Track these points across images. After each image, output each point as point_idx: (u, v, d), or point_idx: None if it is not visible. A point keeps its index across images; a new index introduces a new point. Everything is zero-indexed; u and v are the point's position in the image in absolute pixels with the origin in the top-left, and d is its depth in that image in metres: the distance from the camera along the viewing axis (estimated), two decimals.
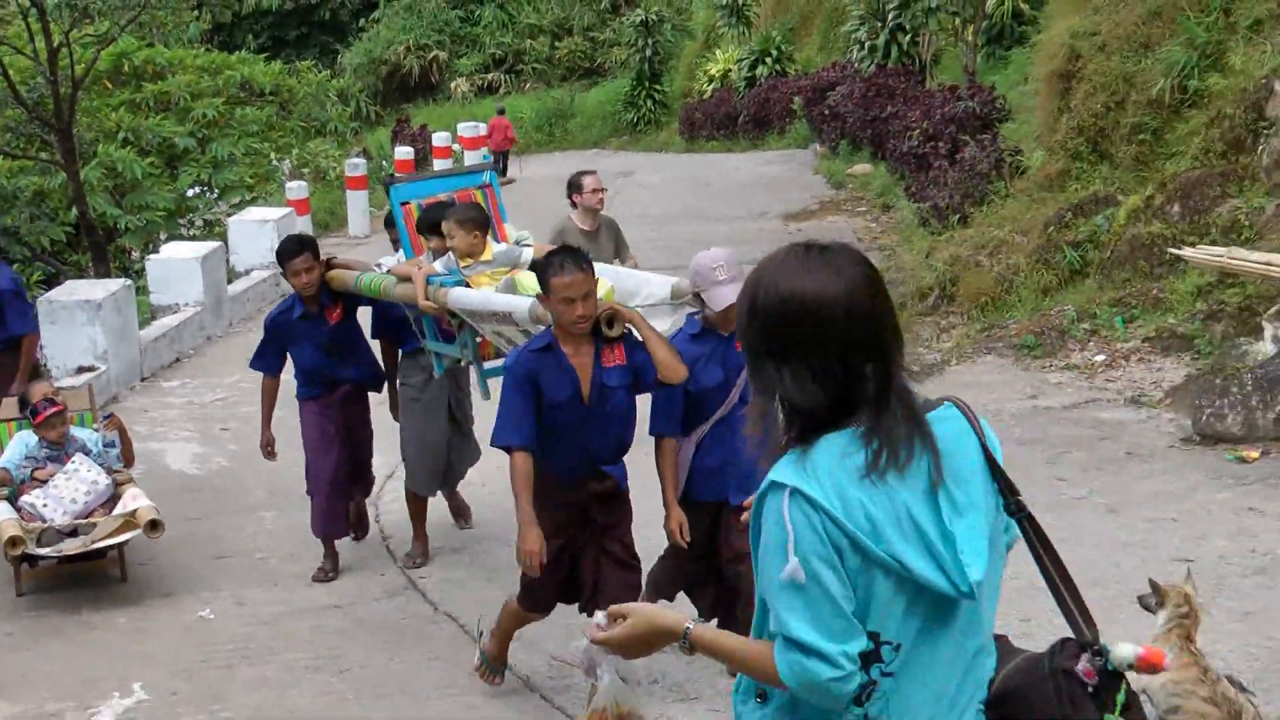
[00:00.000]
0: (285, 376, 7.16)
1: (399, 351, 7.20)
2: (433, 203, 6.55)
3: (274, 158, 20.93)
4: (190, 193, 19.28)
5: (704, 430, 5.22)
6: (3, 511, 6.94)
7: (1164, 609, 4.54)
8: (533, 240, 6.44)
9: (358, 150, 24.02)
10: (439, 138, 23.64)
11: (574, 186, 8.69)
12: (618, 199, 9.77)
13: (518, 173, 23.75)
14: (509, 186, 16.38)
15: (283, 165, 20.99)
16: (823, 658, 2.19)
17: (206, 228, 18.69)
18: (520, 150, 27.34)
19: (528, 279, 5.76)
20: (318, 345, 6.95)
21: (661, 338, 5.14)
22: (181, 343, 12.57)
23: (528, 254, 6.14)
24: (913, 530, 2.22)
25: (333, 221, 20.05)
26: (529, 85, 37.84)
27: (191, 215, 19.16)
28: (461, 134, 24.33)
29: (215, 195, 19.55)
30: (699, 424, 5.22)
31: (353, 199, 19.28)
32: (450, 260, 6.11)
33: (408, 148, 22.48)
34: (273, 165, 20.76)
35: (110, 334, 10.95)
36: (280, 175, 20.42)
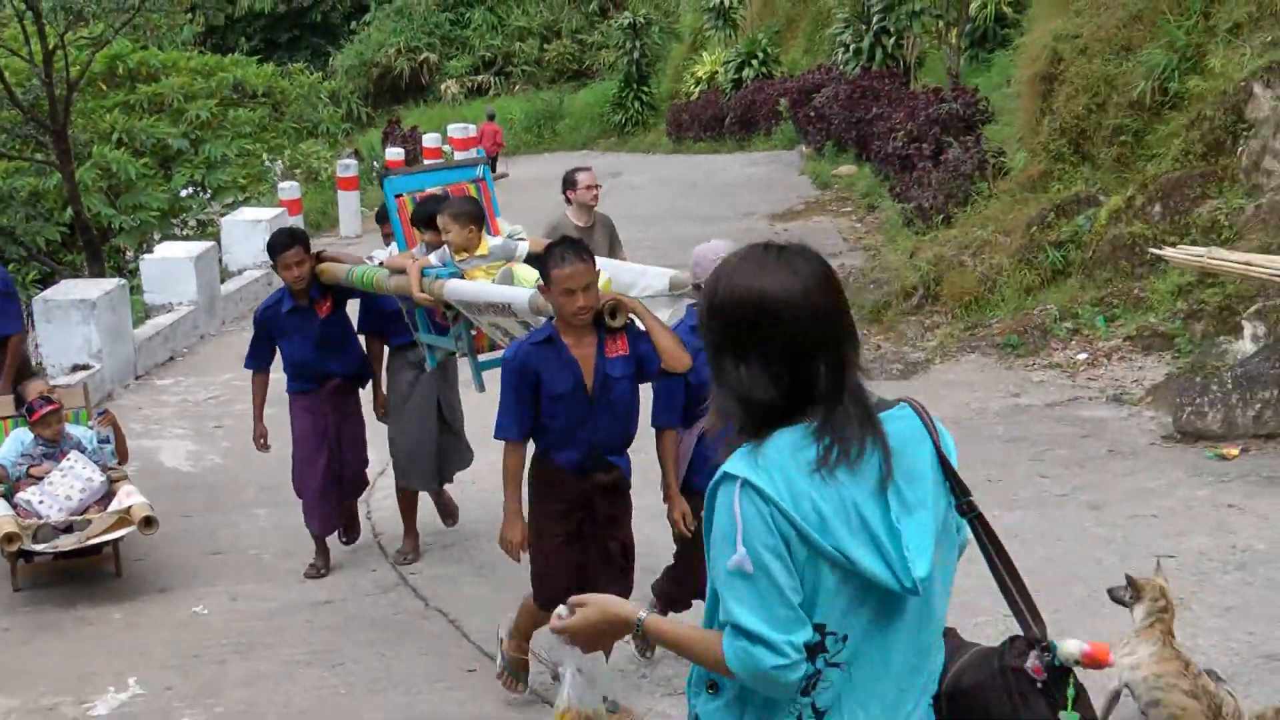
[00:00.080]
0: (277, 374, 7.12)
1: (385, 350, 7.14)
2: (427, 196, 6.46)
3: (266, 159, 20.95)
4: (184, 193, 19.32)
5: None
6: None
7: (1141, 603, 4.57)
8: (525, 234, 6.34)
9: (349, 151, 24.08)
10: (429, 139, 23.69)
11: (568, 183, 8.52)
12: (606, 200, 9.82)
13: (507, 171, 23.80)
14: (500, 182, 16.45)
15: (275, 166, 21.02)
16: (768, 646, 2.22)
17: (200, 228, 18.75)
18: (509, 152, 27.35)
19: (526, 271, 5.74)
20: (308, 339, 6.86)
21: (665, 326, 5.13)
22: (175, 341, 12.64)
23: (522, 248, 6.07)
24: (860, 526, 2.24)
25: (324, 222, 20.08)
26: (518, 87, 37.81)
27: (185, 215, 19.20)
28: (452, 135, 24.39)
29: (208, 196, 19.60)
30: (700, 415, 5.26)
31: (344, 199, 19.35)
32: (445, 254, 6.04)
33: (399, 149, 22.60)
34: (265, 166, 20.78)
35: (105, 333, 10.99)
36: (273, 176, 20.45)
